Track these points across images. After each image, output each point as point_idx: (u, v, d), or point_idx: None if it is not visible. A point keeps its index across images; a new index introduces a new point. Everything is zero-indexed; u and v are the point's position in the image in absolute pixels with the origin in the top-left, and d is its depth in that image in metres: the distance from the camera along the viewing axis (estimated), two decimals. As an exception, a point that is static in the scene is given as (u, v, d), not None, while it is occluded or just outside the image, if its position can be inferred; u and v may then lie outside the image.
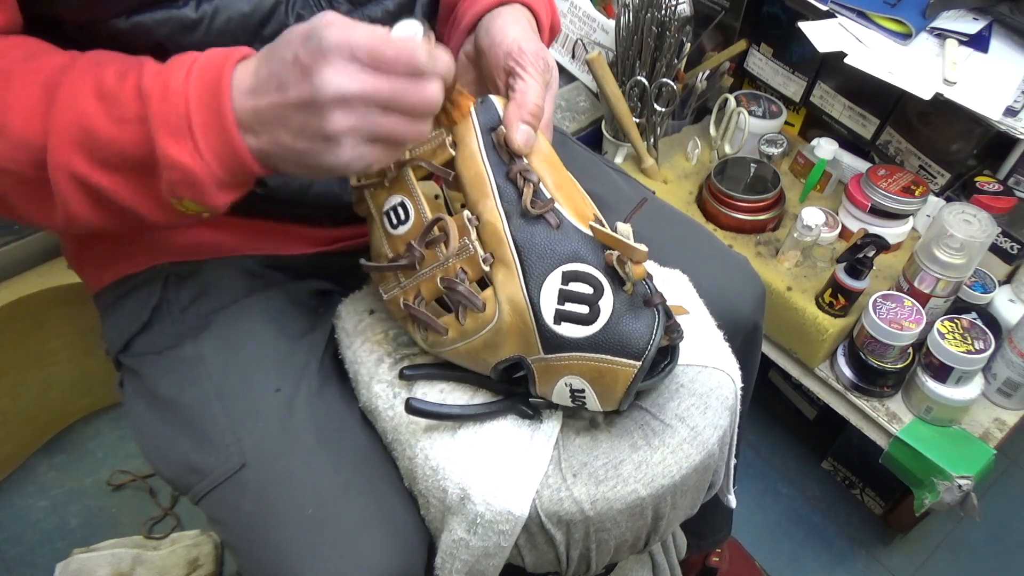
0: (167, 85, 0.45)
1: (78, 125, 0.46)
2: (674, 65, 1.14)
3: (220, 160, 0.46)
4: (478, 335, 0.55)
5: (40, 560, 1.19)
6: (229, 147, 0.45)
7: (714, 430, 0.58)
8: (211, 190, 0.47)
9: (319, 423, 0.62)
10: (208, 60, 0.46)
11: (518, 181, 0.54)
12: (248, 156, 0.46)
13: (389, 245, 0.58)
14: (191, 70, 0.45)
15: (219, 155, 0.46)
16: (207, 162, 0.45)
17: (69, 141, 0.47)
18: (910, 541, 1.26)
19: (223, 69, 0.45)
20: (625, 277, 0.51)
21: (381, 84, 0.43)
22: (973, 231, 0.93)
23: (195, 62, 0.46)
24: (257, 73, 0.45)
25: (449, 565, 0.59)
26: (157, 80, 0.46)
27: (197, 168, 0.45)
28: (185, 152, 0.45)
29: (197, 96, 0.45)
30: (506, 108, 0.55)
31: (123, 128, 0.46)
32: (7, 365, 1.19)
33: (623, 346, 0.51)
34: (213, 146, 0.45)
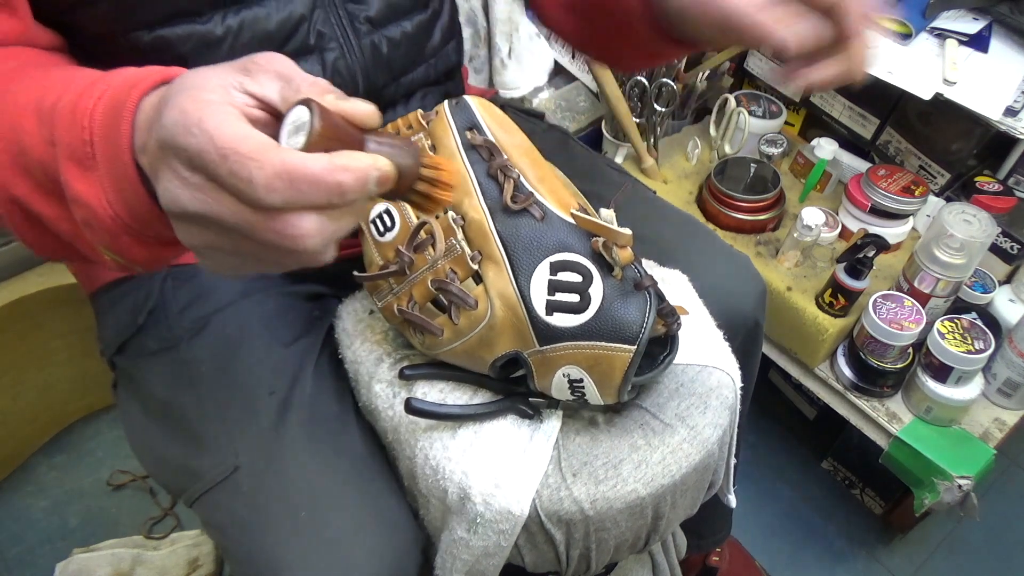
0: (76, 104, 0.39)
1: (15, 141, 0.41)
2: (674, 65, 1.14)
3: (123, 199, 0.39)
4: (473, 333, 0.55)
5: (40, 560, 1.19)
6: (129, 185, 0.38)
7: (714, 430, 0.58)
8: (122, 238, 0.40)
9: (313, 426, 0.62)
10: (121, 81, 0.39)
11: (499, 177, 0.54)
12: (146, 202, 0.38)
13: (379, 253, 0.59)
14: (105, 90, 0.39)
15: (121, 193, 0.38)
16: (111, 200, 0.39)
17: (9, 160, 0.42)
18: (910, 541, 1.26)
19: (129, 95, 0.38)
20: (612, 262, 0.52)
21: (223, 209, 0.33)
22: (973, 231, 0.93)
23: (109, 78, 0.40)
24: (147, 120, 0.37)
25: (449, 565, 0.59)
26: (73, 96, 0.40)
27: (98, 206, 0.39)
28: (88, 185, 0.39)
29: (101, 121, 0.38)
30: None
31: (50, 151, 0.40)
32: (7, 365, 1.19)
33: (617, 331, 0.51)
34: (115, 182, 0.38)
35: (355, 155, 0.34)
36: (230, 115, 0.33)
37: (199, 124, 0.32)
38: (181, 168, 0.34)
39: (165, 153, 0.34)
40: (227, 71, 0.36)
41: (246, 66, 0.36)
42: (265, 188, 0.32)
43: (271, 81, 0.36)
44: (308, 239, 0.34)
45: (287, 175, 0.32)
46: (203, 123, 0.32)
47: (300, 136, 0.34)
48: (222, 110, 0.33)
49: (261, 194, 0.32)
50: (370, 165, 0.34)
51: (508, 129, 0.57)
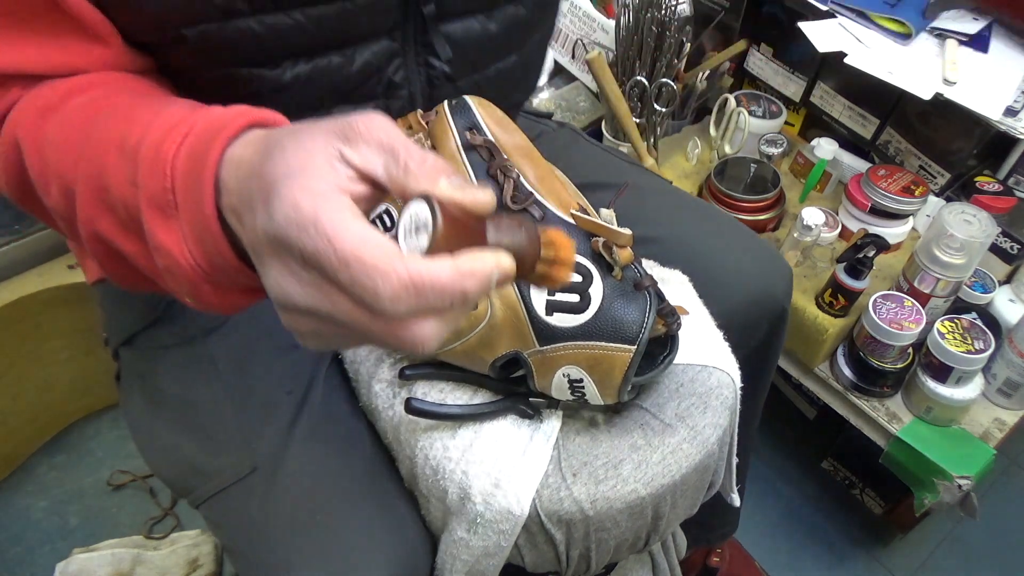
0: (159, 147, 0.38)
1: (98, 176, 0.41)
2: (674, 65, 1.14)
3: (204, 250, 0.38)
4: (473, 333, 0.55)
5: (40, 560, 1.19)
6: (210, 237, 0.37)
7: (714, 430, 0.58)
8: (202, 287, 0.39)
9: (327, 429, 0.61)
10: (204, 127, 0.38)
11: (498, 177, 0.55)
12: (229, 254, 0.37)
13: None
14: (187, 134, 0.38)
15: (202, 244, 0.38)
16: (192, 250, 0.38)
17: (92, 195, 0.41)
18: (910, 541, 1.26)
19: (212, 145, 0.37)
20: (612, 262, 0.52)
21: (339, 309, 0.32)
22: (973, 231, 0.93)
23: (192, 120, 0.39)
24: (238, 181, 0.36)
25: (449, 565, 0.59)
26: (157, 137, 0.39)
27: (179, 255, 0.38)
28: (169, 233, 0.38)
29: (183, 169, 0.37)
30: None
31: (132, 191, 0.39)
32: (7, 365, 1.19)
33: (617, 331, 0.51)
34: (196, 232, 0.37)
35: (479, 258, 0.33)
36: (347, 214, 0.32)
37: (315, 224, 0.31)
38: (294, 264, 0.32)
39: (276, 248, 0.33)
40: (327, 138, 0.34)
41: (346, 133, 0.34)
42: (391, 300, 0.31)
43: (375, 154, 0.34)
44: (428, 342, 0.34)
45: (413, 287, 0.31)
46: (319, 223, 0.31)
47: (422, 238, 0.33)
48: (338, 208, 0.32)
49: (386, 306, 0.31)
50: (494, 267, 0.33)
51: (507, 129, 0.57)
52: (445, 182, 0.34)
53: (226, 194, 0.36)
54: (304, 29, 0.52)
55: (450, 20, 0.59)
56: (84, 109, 0.45)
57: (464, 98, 0.58)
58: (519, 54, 0.67)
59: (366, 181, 0.35)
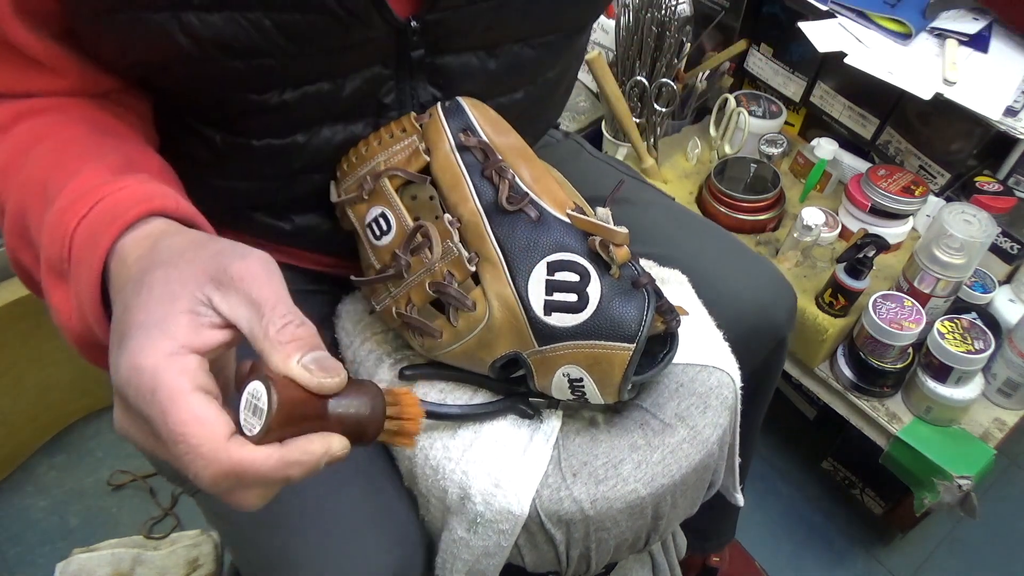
0: (62, 216, 0.40)
1: (22, 215, 0.43)
2: (674, 65, 1.14)
3: (86, 324, 0.40)
4: (472, 334, 0.55)
5: (40, 560, 1.19)
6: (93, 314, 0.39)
7: (714, 429, 0.59)
8: (88, 351, 0.42)
9: None
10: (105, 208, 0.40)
11: (493, 178, 0.54)
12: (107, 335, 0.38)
13: (375, 257, 0.59)
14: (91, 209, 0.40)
15: (84, 319, 0.40)
16: (79, 318, 0.40)
17: (16, 227, 0.44)
18: (910, 541, 1.26)
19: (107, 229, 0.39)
20: (609, 261, 0.52)
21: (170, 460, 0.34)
22: (973, 231, 0.93)
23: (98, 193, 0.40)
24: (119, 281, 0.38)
25: (450, 565, 0.59)
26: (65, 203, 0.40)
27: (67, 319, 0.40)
28: (62, 297, 0.40)
29: (79, 243, 0.39)
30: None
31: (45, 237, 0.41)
32: (7, 365, 1.19)
33: (615, 330, 0.51)
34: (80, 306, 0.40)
35: (309, 447, 0.35)
36: (184, 384, 0.33)
37: (153, 393, 0.32)
38: (135, 417, 0.34)
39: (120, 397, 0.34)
40: (199, 283, 0.35)
41: (220, 278, 0.35)
42: (210, 483, 0.33)
43: (242, 305, 0.35)
44: (248, 507, 0.36)
45: (234, 474, 0.33)
46: (157, 393, 0.32)
47: (256, 422, 0.34)
48: (177, 377, 0.33)
49: (205, 486, 0.33)
50: (322, 455, 0.35)
51: (501, 130, 0.57)
52: (297, 360, 0.35)
53: (111, 286, 0.38)
54: (289, 68, 0.51)
55: (445, 54, 0.57)
56: (29, 136, 0.47)
57: (457, 100, 0.57)
58: (527, 90, 0.64)
59: (230, 327, 0.36)
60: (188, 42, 0.46)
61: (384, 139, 0.58)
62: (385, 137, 0.58)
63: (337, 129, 0.58)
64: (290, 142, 0.57)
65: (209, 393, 0.34)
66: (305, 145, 0.57)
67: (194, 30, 0.46)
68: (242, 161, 0.58)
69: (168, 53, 0.47)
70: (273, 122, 0.55)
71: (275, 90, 0.52)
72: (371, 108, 0.58)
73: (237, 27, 0.46)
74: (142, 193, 0.40)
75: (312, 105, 0.55)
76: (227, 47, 0.47)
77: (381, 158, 0.57)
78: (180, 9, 0.45)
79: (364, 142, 0.59)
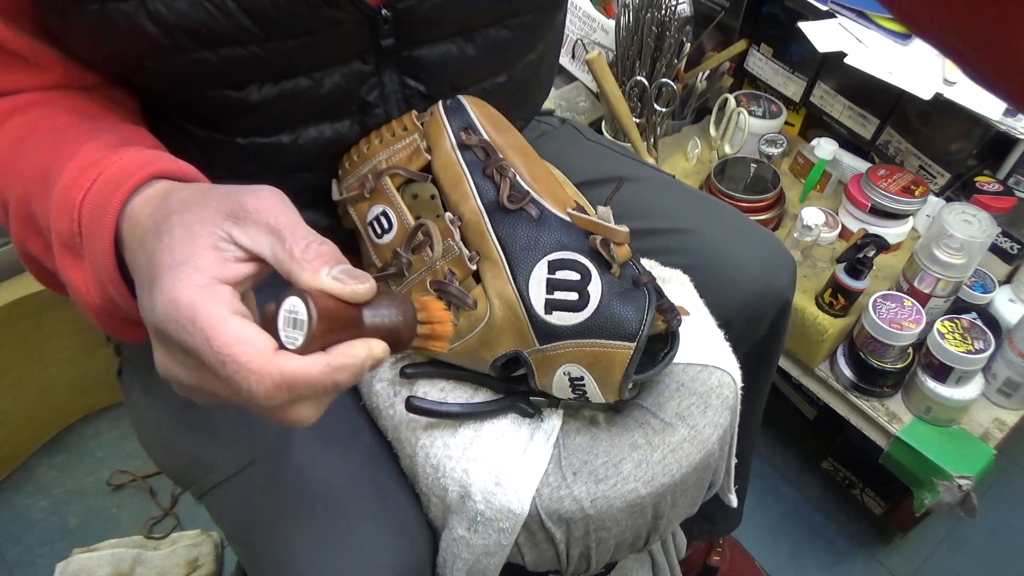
0: (68, 191, 0.40)
1: (27, 202, 0.44)
2: (674, 65, 1.14)
3: (105, 293, 0.41)
4: (472, 333, 0.55)
5: (40, 560, 1.19)
6: (111, 282, 0.40)
7: (714, 429, 0.59)
8: (109, 322, 0.43)
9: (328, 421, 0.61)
10: (108, 176, 0.40)
11: (494, 177, 0.54)
12: (128, 300, 0.40)
13: (376, 255, 0.59)
14: (94, 181, 0.40)
15: (102, 288, 0.41)
16: (96, 291, 0.41)
17: (22, 216, 0.44)
18: (910, 541, 1.26)
19: (112, 197, 0.39)
20: (610, 259, 0.52)
21: (220, 391, 0.35)
22: (973, 231, 0.93)
23: (101, 165, 0.41)
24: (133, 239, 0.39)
25: (450, 563, 0.59)
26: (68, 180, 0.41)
27: (85, 293, 0.41)
28: (78, 272, 0.41)
29: (87, 216, 0.40)
30: None
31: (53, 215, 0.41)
32: (7, 365, 1.19)
33: (616, 328, 0.51)
34: (96, 276, 0.40)
35: (351, 351, 0.35)
36: (223, 309, 0.34)
37: (193, 322, 0.33)
38: (178, 352, 0.35)
39: (160, 336, 0.35)
40: (216, 220, 0.36)
41: (236, 213, 0.36)
42: (265, 397, 0.33)
43: (262, 235, 0.36)
44: (304, 422, 0.36)
45: (285, 385, 0.33)
46: (197, 321, 0.33)
47: (297, 334, 0.35)
48: (215, 303, 0.34)
49: (260, 402, 0.33)
50: (365, 357, 0.36)
51: (503, 128, 0.57)
52: (327, 273, 0.36)
53: (126, 249, 0.39)
54: (262, 59, 0.51)
55: (422, 45, 0.57)
56: (23, 128, 0.47)
57: (459, 98, 0.58)
58: (509, 73, 0.65)
59: (254, 260, 0.37)
60: (157, 31, 0.47)
61: (385, 137, 0.58)
62: (386, 135, 0.58)
63: (323, 128, 0.58)
64: (275, 141, 0.57)
65: (246, 316, 0.35)
66: (291, 144, 0.57)
67: (161, 17, 0.46)
68: (230, 160, 0.58)
69: (139, 44, 0.48)
70: (256, 121, 0.55)
71: (252, 86, 0.53)
72: (354, 106, 0.58)
73: (203, 11, 0.47)
74: (142, 159, 0.41)
75: (292, 102, 0.55)
76: (195, 33, 0.48)
77: (382, 156, 0.58)
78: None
79: (365, 140, 0.59)
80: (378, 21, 0.53)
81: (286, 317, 0.35)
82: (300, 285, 0.36)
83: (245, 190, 0.37)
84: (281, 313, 0.35)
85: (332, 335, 0.36)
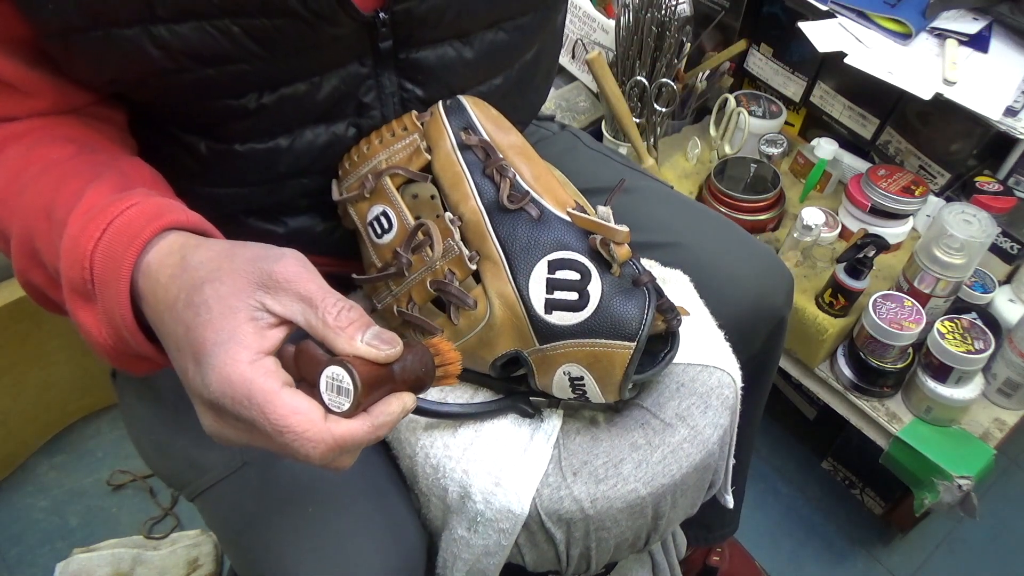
0: (77, 240, 0.41)
1: (29, 239, 0.45)
2: (674, 65, 1.14)
3: (119, 336, 0.43)
4: (472, 333, 0.55)
5: (40, 560, 1.19)
6: (126, 328, 0.42)
7: (714, 429, 0.59)
8: (121, 360, 0.44)
9: None
10: (119, 228, 0.41)
11: (494, 177, 0.54)
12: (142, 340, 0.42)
13: (376, 255, 0.59)
14: (104, 230, 0.41)
15: (117, 332, 0.42)
16: (109, 334, 0.42)
17: (24, 250, 0.45)
18: (910, 541, 1.26)
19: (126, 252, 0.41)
20: (610, 259, 0.52)
21: (270, 448, 0.39)
22: (973, 231, 0.93)
23: (108, 213, 0.42)
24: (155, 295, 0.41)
25: (450, 564, 0.59)
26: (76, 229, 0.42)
27: (98, 336, 0.43)
28: (89, 315, 0.42)
29: (100, 266, 0.41)
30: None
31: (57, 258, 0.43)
32: (7, 365, 1.19)
33: (616, 328, 0.51)
34: (111, 322, 0.42)
35: (389, 410, 0.41)
36: (275, 383, 0.37)
37: (249, 398, 0.36)
38: (231, 420, 0.38)
39: (212, 407, 0.38)
40: (249, 290, 0.39)
41: (267, 283, 0.39)
42: (320, 459, 0.38)
43: (294, 303, 0.39)
44: (345, 468, 0.41)
45: (338, 447, 0.38)
46: (253, 398, 0.36)
47: (343, 400, 0.39)
48: (265, 377, 0.37)
49: (316, 463, 0.38)
50: (400, 412, 0.41)
51: (503, 128, 0.57)
52: (361, 339, 0.40)
53: (144, 303, 0.41)
54: (264, 72, 0.51)
55: (420, 48, 0.57)
56: (17, 160, 0.48)
57: (459, 98, 0.58)
58: (505, 76, 0.65)
59: (285, 323, 0.40)
60: (160, 55, 0.47)
61: (385, 137, 0.58)
62: (386, 135, 0.58)
63: (319, 131, 0.58)
64: (273, 146, 0.57)
65: (291, 385, 0.38)
66: (289, 148, 0.57)
67: (165, 42, 0.47)
68: (227, 167, 0.58)
69: (143, 67, 0.48)
70: (253, 126, 0.55)
71: (252, 94, 0.53)
72: (351, 108, 0.58)
73: (207, 36, 0.47)
74: (152, 210, 0.42)
75: (290, 107, 0.55)
76: (199, 56, 0.48)
77: (382, 156, 0.58)
78: (149, 23, 0.45)
79: (365, 140, 0.59)
80: (376, 24, 0.53)
81: (329, 383, 0.39)
82: (337, 351, 0.39)
83: (271, 257, 0.40)
84: (323, 379, 0.39)
85: (372, 395, 0.40)
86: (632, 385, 0.53)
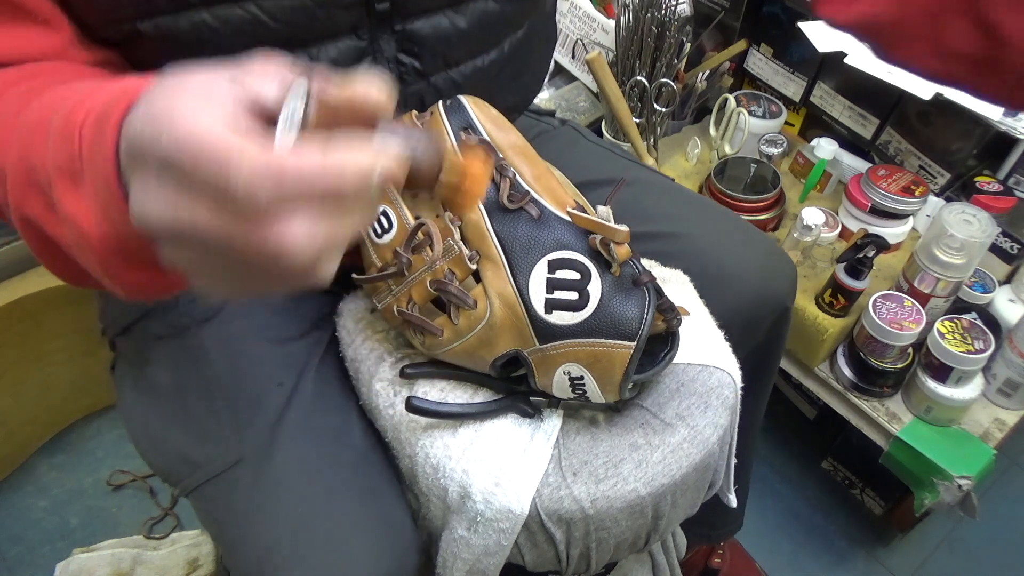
0: (70, 116, 0.36)
1: (27, 159, 0.39)
2: (674, 65, 1.14)
3: (108, 217, 0.35)
4: (472, 333, 0.55)
5: (40, 560, 1.19)
6: (113, 201, 0.34)
7: (714, 429, 0.59)
8: (111, 260, 0.36)
9: (317, 422, 0.62)
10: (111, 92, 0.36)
11: (495, 176, 0.55)
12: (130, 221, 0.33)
13: (377, 255, 0.59)
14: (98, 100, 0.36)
15: (106, 209, 0.34)
16: (97, 219, 0.35)
17: (21, 177, 0.40)
18: (910, 541, 1.26)
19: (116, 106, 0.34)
20: (610, 259, 0.52)
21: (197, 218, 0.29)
22: (973, 231, 0.93)
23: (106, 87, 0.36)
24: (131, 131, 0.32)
25: (450, 564, 0.59)
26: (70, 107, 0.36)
27: (85, 223, 0.35)
28: (77, 201, 0.36)
29: (89, 133, 0.35)
30: None
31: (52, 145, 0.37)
32: (7, 365, 1.19)
33: (616, 328, 0.51)
34: (99, 197, 0.35)
35: (355, 148, 0.29)
36: (204, 111, 0.28)
37: (169, 123, 0.28)
38: (151, 176, 0.29)
39: (134, 160, 0.30)
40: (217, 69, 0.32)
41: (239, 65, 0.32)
42: (244, 188, 0.27)
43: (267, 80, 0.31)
44: (296, 249, 0.29)
45: (270, 174, 0.27)
46: (173, 122, 0.28)
47: (293, 131, 0.29)
48: (196, 105, 0.28)
49: (240, 196, 0.27)
50: (372, 161, 0.29)
51: (503, 127, 0.58)
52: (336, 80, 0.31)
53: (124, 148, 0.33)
54: (260, 23, 0.51)
55: (415, 17, 0.58)
56: (23, 97, 0.44)
57: (459, 98, 0.58)
58: (497, 52, 0.67)
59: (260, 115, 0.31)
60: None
61: (385, 137, 0.58)
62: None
63: None
64: None
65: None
66: None
67: None
68: None
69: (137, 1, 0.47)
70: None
71: None
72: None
73: None
74: (143, 80, 0.35)
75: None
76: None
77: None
78: None
79: None
80: None
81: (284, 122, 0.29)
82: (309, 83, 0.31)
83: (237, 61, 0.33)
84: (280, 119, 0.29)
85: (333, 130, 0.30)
86: (632, 385, 0.53)
